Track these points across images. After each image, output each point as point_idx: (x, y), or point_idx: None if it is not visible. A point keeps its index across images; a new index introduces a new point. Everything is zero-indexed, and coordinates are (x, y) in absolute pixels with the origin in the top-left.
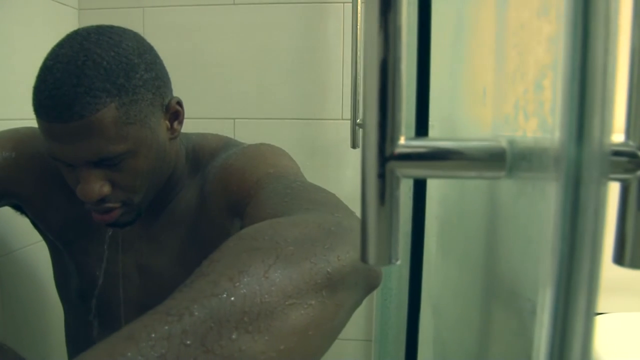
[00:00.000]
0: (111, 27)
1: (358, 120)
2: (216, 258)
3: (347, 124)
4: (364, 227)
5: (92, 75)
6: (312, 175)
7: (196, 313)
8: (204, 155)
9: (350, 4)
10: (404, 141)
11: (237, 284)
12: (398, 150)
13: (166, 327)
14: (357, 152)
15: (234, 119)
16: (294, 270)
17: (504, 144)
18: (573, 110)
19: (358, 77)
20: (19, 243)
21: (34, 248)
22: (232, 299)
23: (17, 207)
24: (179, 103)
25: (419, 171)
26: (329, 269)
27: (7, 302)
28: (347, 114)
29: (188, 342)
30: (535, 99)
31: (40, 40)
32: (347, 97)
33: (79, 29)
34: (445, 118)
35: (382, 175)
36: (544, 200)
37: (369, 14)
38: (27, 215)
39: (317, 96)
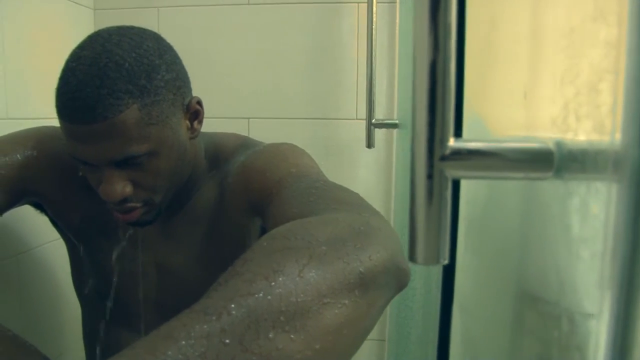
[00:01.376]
0: (131, 28)
1: (373, 120)
2: (249, 257)
3: (362, 124)
4: (412, 227)
5: (114, 76)
6: (326, 175)
7: (234, 312)
8: (222, 155)
9: (365, 4)
10: (453, 142)
11: (273, 283)
12: (448, 151)
13: (205, 326)
14: (372, 152)
15: (248, 118)
16: (327, 270)
17: (551, 145)
18: (637, 113)
19: (374, 76)
20: (37, 241)
21: (51, 246)
22: (269, 298)
23: (37, 206)
24: (199, 103)
25: (468, 172)
26: (361, 269)
27: (25, 299)
28: (362, 113)
29: (227, 341)
30: (590, 101)
31: (57, 40)
32: (362, 96)
33: (99, 30)
34: (474, 119)
35: (431, 176)
36: (598, 201)
37: (419, 13)
38: (46, 214)
39: (331, 96)
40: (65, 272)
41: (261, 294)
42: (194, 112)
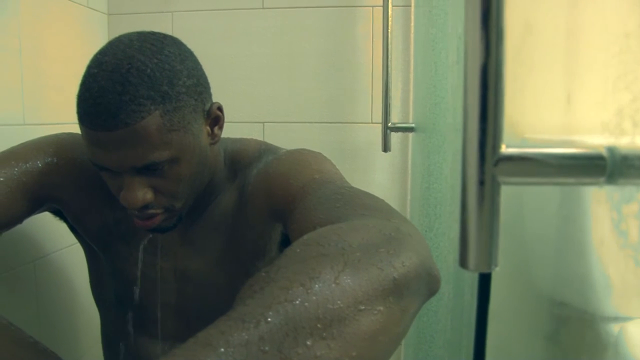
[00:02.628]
0: (152, 34)
1: (389, 124)
2: (283, 264)
3: (377, 128)
4: (463, 233)
5: (136, 83)
6: None
7: (272, 319)
8: (242, 160)
9: (379, 8)
10: (505, 148)
11: (310, 290)
12: (499, 157)
13: (243, 334)
14: (387, 155)
15: (263, 122)
16: (362, 277)
17: (602, 150)
18: None
19: (389, 80)
20: (53, 247)
21: (67, 251)
22: (306, 305)
23: (56, 212)
24: (220, 108)
25: (520, 178)
26: (395, 275)
27: (43, 305)
28: (377, 117)
29: (266, 348)
30: None
31: (71, 45)
32: (377, 100)
33: (120, 36)
34: (507, 123)
35: (483, 182)
36: None
37: (471, 17)
38: (65, 220)
39: (347, 100)
40: (82, 278)
41: (298, 301)
42: (215, 118)
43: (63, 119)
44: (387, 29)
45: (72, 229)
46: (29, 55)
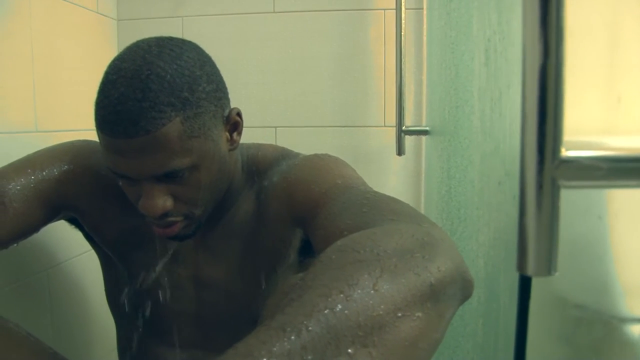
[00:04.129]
0: (170, 39)
1: (403, 127)
2: (319, 271)
3: (390, 131)
4: (522, 237)
5: (156, 89)
6: None
7: (313, 328)
8: (260, 166)
9: (391, 11)
10: (565, 151)
11: (349, 297)
12: (560, 160)
13: (285, 344)
14: (401, 159)
15: (275, 127)
16: (400, 282)
17: None
18: None
19: (403, 83)
20: (66, 255)
21: (80, 259)
22: (346, 312)
23: (72, 221)
24: (239, 114)
25: (580, 182)
26: (432, 280)
27: (57, 313)
28: (390, 121)
29: (308, 358)
30: None
31: (81, 51)
32: (389, 103)
33: (138, 42)
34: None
35: (543, 186)
36: None
37: (529, 17)
38: (81, 229)
39: (359, 103)
40: (95, 286)
41: (339, 309)
42: (234, 124)
43: (75, 125)
44: (400, 31)
45: (88, 237)
46: (40, 62)
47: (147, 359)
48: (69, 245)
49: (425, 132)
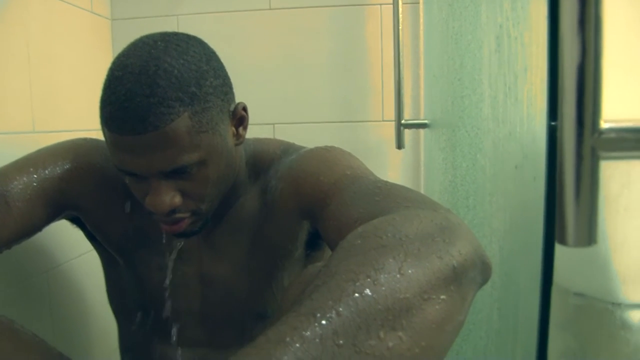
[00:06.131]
0: (175, 34)
1: (403, 121)
2: (343, 257)
3: (389, 125)
4: (561, 208)
5: (164, 84)
6: None
7: (343, 312)
8: (264, 160)
9: (388, 6)
10: (604, 123)
11: (376, 281)
12: (600, 131)
13: (317, 329)
14: (399, 153)
15: (273, 124)
16: (424, 266)
17: None
18: None
19: (401, 77)
20: (65, 256)
21: (79, 261)
22: (375, 296)
23: (74, 220)
24: (245, 108)
25: (619, 153)
26: (454, 263)
27: (57, 315)
28: (388, 115)
29: (340, 342)
30: None
31: (76, 51)
32: (387, 98)
33: (142, 37)
34: None
35: (582, 156)
36: None
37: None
38: (83, 228)
39: (357, 98)
40: (95, 287)
41: (367, 292)
42: (240, 118)
43: (73, 126)
44: (398, 26)
45: (90, 236)
46: (36, 62)
47: (151, 357)
48: (68, 246)
49: (424, 126)
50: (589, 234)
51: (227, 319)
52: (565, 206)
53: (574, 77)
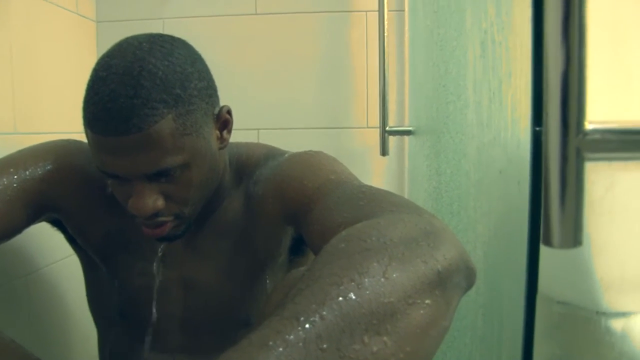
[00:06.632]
0: (160, 36)
1: (387, 128)
2: (327, 260)
3: (372, 132)
4: (547, 209)
5: (148, 86)
6: None
7: (327, 316)
8: (248, 164)
9: (373, 13)
10: (588, 124)
11: (360, 285)
12: (584, 132)
13: (300, 332)
14: (383, 160)
15: (257, 129)
16: (409, 270)
17: None
18: None
19: (386, 84)
20: (45, 261)
21: (59, 265)
22: (359, 300)
23: (55, 222)
24: (229, 112)
25: (604, 154)
26: (439, 268)
27: (35, 320)
28: (372, 122)
29: (324, 346)
30: None
31: (60, 52)
32: (372, 105)
33: (127, 38)
34: None
35: (567, 157)
36: None
37: None
38: (64, 231)
39: (341, 105)
40: (76, 292)
41: (351, 296)
42: (224, 122)
43: (55, 128)
44: (383, 33)
45: (71, 239)
46: (19, 63)
47: None
48: (48, 250)
49: (408, 132)
50: (574, 235)
51: (209, 325)
52: (550, 207)
53: (559, 77)
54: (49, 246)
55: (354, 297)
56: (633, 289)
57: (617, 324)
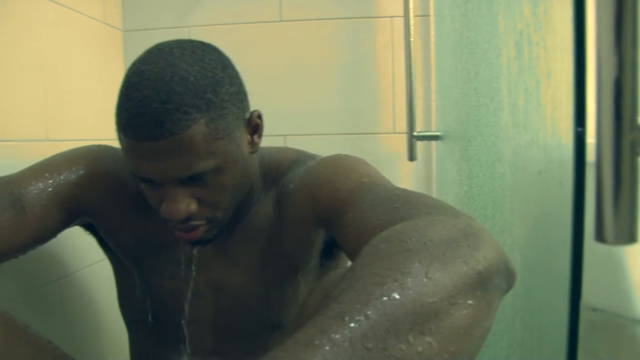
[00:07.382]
0: (191, 41)
1: (415, 133)
2: (368, 261)
3: (399, 138)
4: (600, 205)
5: (181, 91)
6: None
7: (372, 316)
8: (278, 169)
9: (399, 18)
10: None
11: (404, 285)
12: (638, 127)
13: (346, 332)
14: (411, 165)
15: (284, 135)
16: (451, 270)
17: None
18: None
19: (413, 89)
20: (78, 265)
21: (92, 269)
22: (403, 300)
23: (88, 227)
24: (260, 116)
25: None
26: (480, 268)
27: (69, 324)
28: (399, 127)
29: (369, 345)
30: None
31: (89, 61)
32: (399, 110)
33: (158, 44)
34: None
35: (621, 152)
36: None
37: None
38: (96, 235)
39: (368, 110)
40: (107, 295)
41: (395, 296)
42: (255, 126)
43: (85, 135)
44: (409, 38)
45: (103, 243)
46: (50, 72)
47: None
48: (80, 255)
49: (436, 137)
50: (629, 231)
51: (239, 328)
52: (604, 202)
53: (612, 73)
54: (81, 251)
55: (397, 296)
56: None
57: None
